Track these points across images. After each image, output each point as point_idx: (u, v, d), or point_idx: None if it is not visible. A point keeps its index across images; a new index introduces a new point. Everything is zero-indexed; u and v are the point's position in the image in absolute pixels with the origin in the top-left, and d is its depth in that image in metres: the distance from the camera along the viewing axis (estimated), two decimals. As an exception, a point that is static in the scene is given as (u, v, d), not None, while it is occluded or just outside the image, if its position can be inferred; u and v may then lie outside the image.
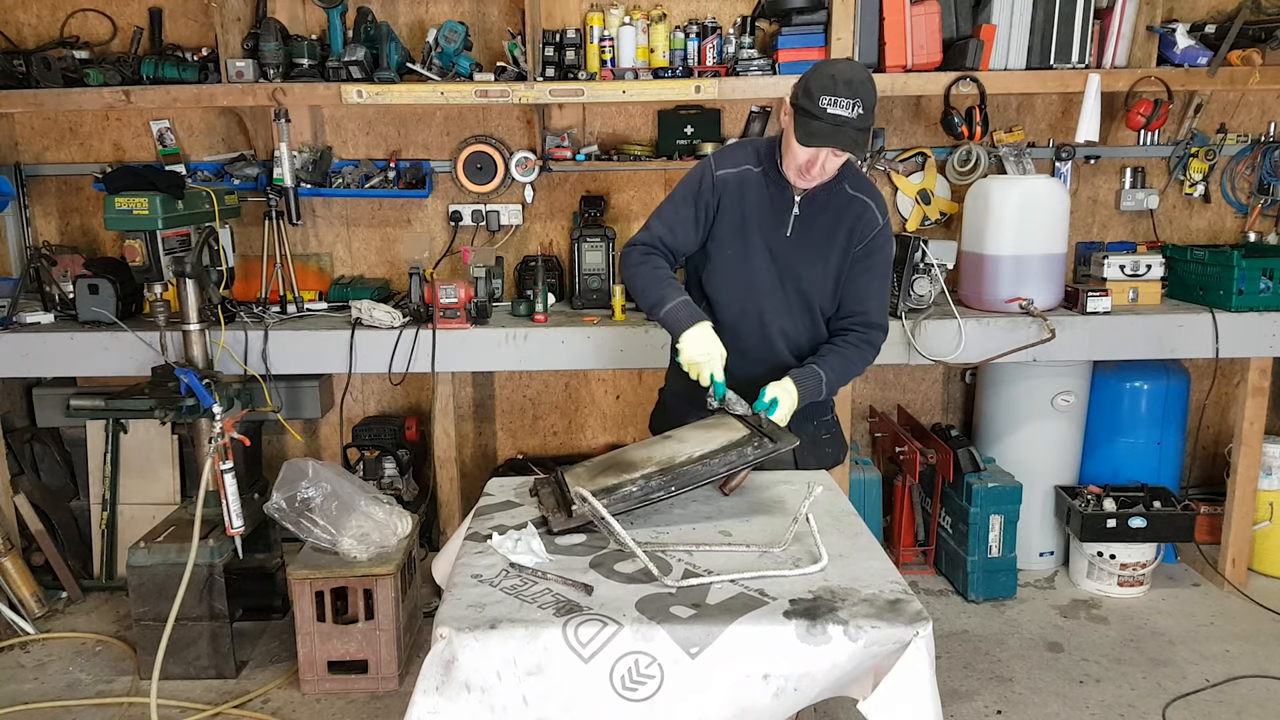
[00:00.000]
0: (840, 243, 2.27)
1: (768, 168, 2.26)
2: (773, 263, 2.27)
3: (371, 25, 3.41)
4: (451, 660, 1.50)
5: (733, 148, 2.34)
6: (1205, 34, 3.44)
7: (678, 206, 2.30)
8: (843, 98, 2.00)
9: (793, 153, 2.13)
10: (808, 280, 2.28)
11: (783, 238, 2.26)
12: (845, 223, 2.26)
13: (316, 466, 2.92)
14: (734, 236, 2.27)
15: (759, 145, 2.31)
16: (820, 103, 2.01)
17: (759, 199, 2.26)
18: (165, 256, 2.91)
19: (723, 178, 2.26)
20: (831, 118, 2.02)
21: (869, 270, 2.30)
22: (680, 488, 1.90)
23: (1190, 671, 2.99)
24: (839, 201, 2.26)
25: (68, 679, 3.06)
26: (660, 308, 2.19)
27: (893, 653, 1.51)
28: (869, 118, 2.05)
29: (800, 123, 2.07)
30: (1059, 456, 3.63)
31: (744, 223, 2.26)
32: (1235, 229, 3.92)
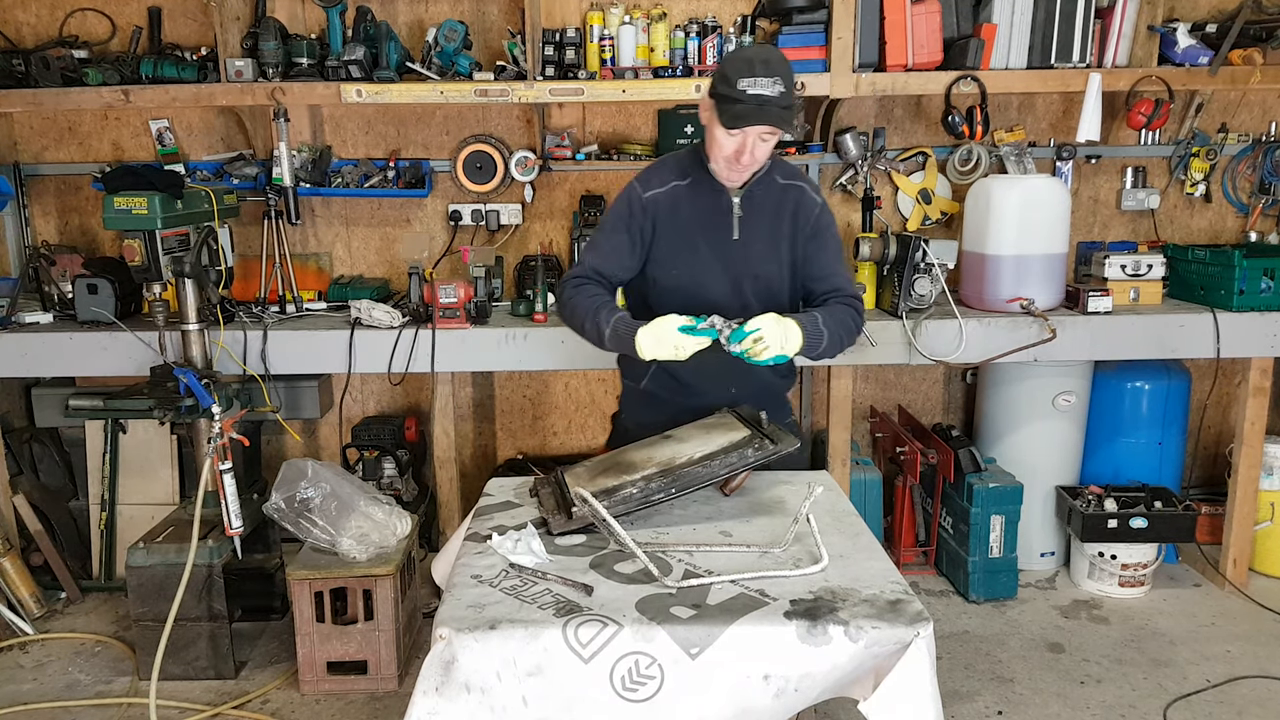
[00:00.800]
0: (787, 233, 2.23)
1: (697, 177, 2.20)
2: (725, 272, 2.21)
3: (371, 24, 3.41)
4: (451, 661, 1.49)
5: (655, 167, 2.28)
6: (1206, 33, 3.44)
7: (609, 235, 2.23)
8: (761, 77, 1.97)
9: (719, 144, 2.08)
10: (766, 278, 2.23)
11: (731, 242, 2.20)
12: (786, 212, 2.23)
13: (316, 467, 2.91)
14: (679, 255, 2.21)
15: (681, 158, 2.26)
16: (740, 85, 1.98)
17: (697, 211, 2.20)
18: (164, 256, 2.91)
19: (653, 199, 2.19)
20: (754, 98, 1.98)
21: (824, 248, 2.27)
22: (681, 489, 1.89)
23: (1191, 672, 2.99)
24: (775, 193, 2.23)
25: (67, 679, 3.06)
26: (603, 336, 2.11)
27: (893, 653, 1.50)
28: (790, 95, 2.01)
29: (723, 110, 2.03)
30: (1060, 457, 3.62)
31: (687, 239, 2.20)
32: (1236, 229, 3.92)
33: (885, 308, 3.45)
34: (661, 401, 2.31)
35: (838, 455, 3.45)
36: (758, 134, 2.04)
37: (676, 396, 2.29)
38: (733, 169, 2.12)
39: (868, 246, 3.38)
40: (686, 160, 2.24)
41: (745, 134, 2.04)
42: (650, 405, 2.34)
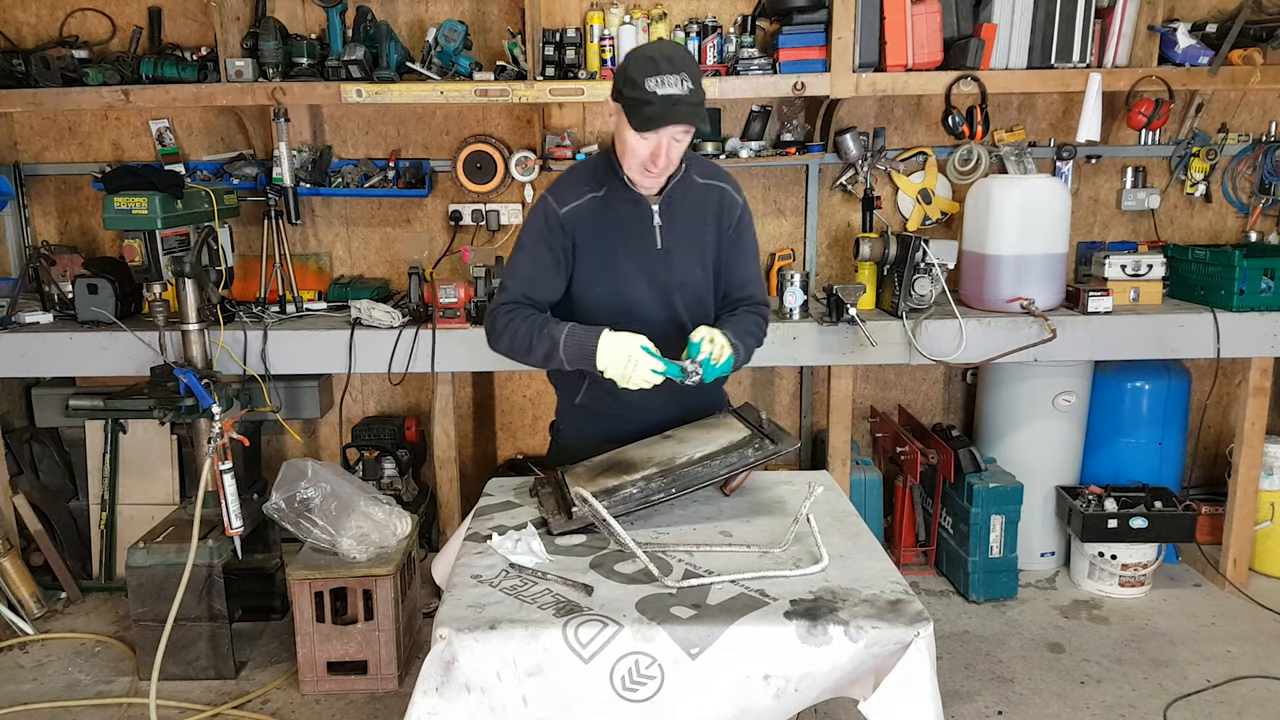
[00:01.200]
0: (711, 235, 2.15)
1: (611, 186, 2.09)
2: (652, 283, 2.11)
3: (371, 24, 3.41)
4: (451, 661, 1.49)
5: (566, 179, 2.14)
6: (1206, 33, 3.44)
7: (531, 256, 2.09)
8: (668, 74, 1.88)
9: (632, 149, 1.98)
10: (693, 284, 2.15)
11: (654, 252, 2.10)
12: (709, 213, 2.15)
13: (316, 467, 2.91)
14: (600, 270, 2.10)
15: (592, 166, 2.14)
16: (648, 86, 1.88)
17: (616, 223, 2.09)
18: (164, 256, 2.91)
19: (571, 213, 2.07)
20: (664, 98, 1.88)
21: (744, 251, 2.21)
22: (681, 489, 1.90)
23: (1191, 672, 2.98)
24: (695, 194, 2.13)
25: (67, 679, 3.06)
26: (556, 346, 1.99)
27: (894, 653, 1.50)
28: (700, 92, 1.94)
29: (632, 113, 1.93)
30: (1060, 456, 3.62)
31: (607, 252, 2.09)
32: (1236, 229, 3.92)
33: (885, 308, 3.45)
34: (599, 417, 2.21)
35: (838, 455, 3.45)
36: (671, 135, 1.95)
37: (614, 412, 2.19)
38: (648, 174, 2.02)
39: (868, 246, 3.37)
40: (599, 168, 2.12)
41: (659, 136, 1.95)
42: (587, 420, 2.24)
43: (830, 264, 3.95)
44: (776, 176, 3.86)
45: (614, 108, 2.01)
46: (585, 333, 1.99)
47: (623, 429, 2.17)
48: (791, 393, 4.10)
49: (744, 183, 3.80)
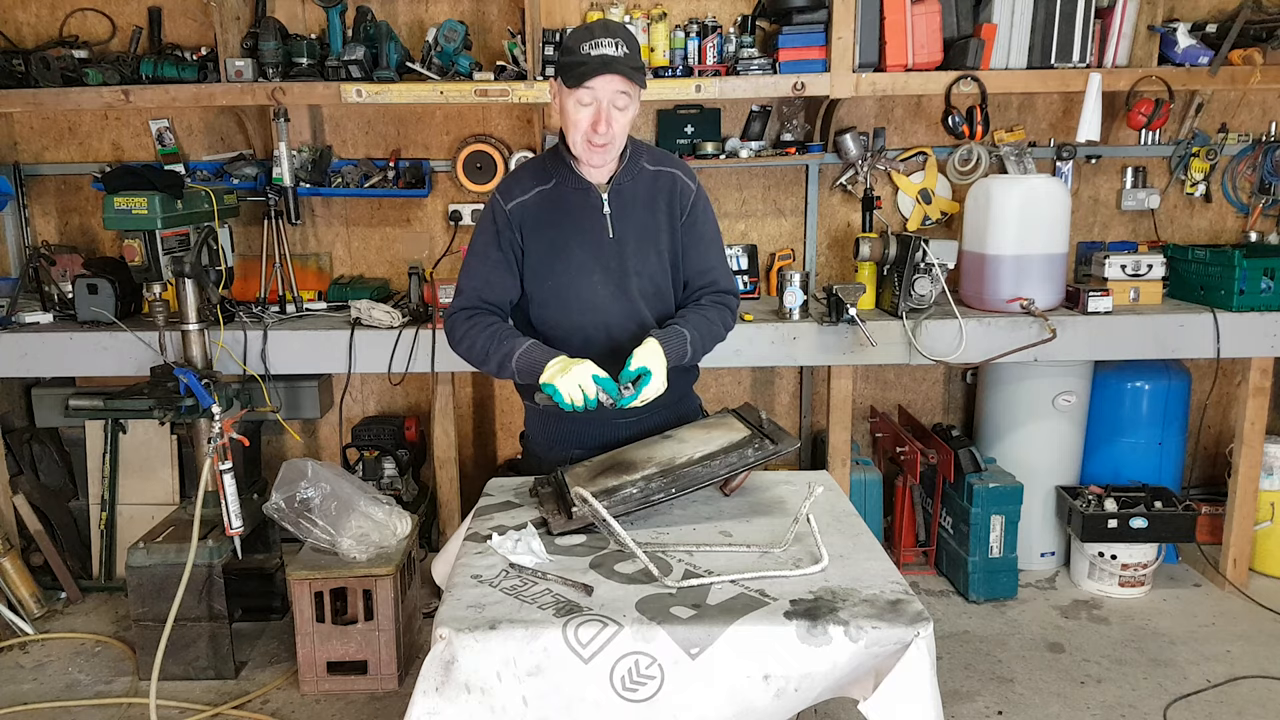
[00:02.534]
0: (664, 222, 2.14)
1: (560, 177, 2.09)
2: (605, 273, 2.09)
3: (371, 24, 3.41)
4: (451, 661, 1.49)
5: (514, 175, 2.16)
6: (1206, 33, 3.44)
7: (483, 257, 2.10)
8: (600, 38, 1.93)
9: (573, 122, 1.98)
10: (648, 272, 2.13)
11: (606, 241, 2.09)
12: (660, 199, 2.13)
13: (316, 467, 2.91)
14: (552, 262, 2.09)
15: (540, 161, 2.16)
16: (582, 50, 1.93)
17: (565, 213, 2.09)
18: (164, 256, 2.91)
19: (517, 208, 2.08)
20: (598, 58, 1.92)
21: (701, 238, 2.19)
22: (681, 489, 1.89)
23: (1191, 672, 2.98)
24: (645, 181, 2.13)
25: (67, 679, 3.06)
26: (510, 358, 2.00)
27: (894, 653, 1.50)
28: (636, 58, 1.96)
29: (568, 75, 1.96)
30: (1060, 456, 3.62)
31: (558, 244, 2.09)
32: (1236, 229, 3.92)
33: (885, 308, 3.45)
34: (564, 418, 2.12)
35: (838, 455, 3.45)
36: (610, 98, 1.96)
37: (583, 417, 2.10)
38: (592, 146, 2.01)
39: (868, 246, 3.37)
40: (547, 162, 2.13)
41: (597, 100, 1.96)
42: (552, 425, 2.21)
43: (830, 264, 3.95)
44: (776, 176, 3.86)
45: (554, 86, 2.04)
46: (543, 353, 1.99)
47: (590, 432, 2.17)
48: (791, 393, 4.10)
49: (744, 182, 3.85)
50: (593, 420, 2.14)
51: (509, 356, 2.01)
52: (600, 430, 2.18)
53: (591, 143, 2.01)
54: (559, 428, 2.22)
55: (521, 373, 2.01)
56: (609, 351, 2.08)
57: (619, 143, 2.05)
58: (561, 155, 2.10)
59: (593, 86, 1.95)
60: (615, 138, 2.02)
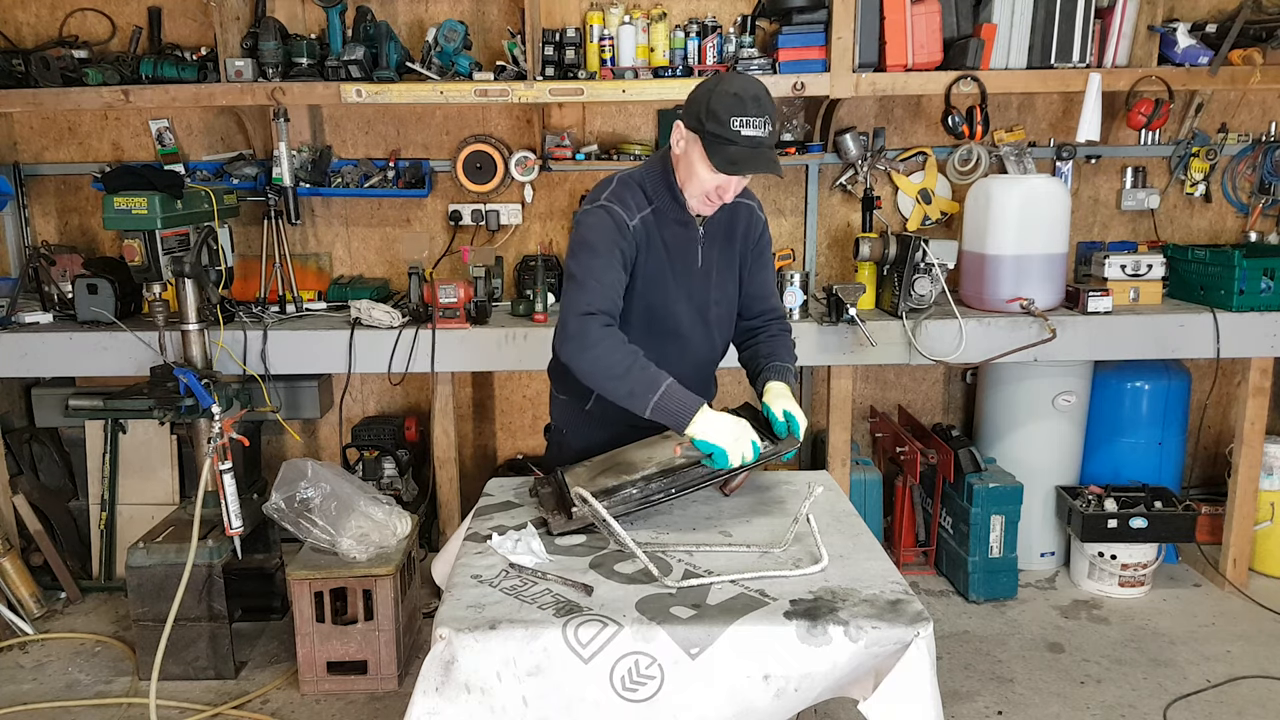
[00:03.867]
0: (739, 251, 2.21)
1: (660, 205, 2.07)
2: (690, 300, 2.14)
3: (371, 24, 3.41)
4: (451, 661, 1.49)
5: (624, 191, 2.08)
6: (1206, 33, 3.44)
7: (608, 262, 2.02)
8: (753, 116, 1.88)
9: (701, 180, 1.97)
10: (726, 300, 2.22)
11: (695, 271, 2.13)
12: (738, 231, 2.20)
13: (315, 467, 2.91)
14: (652, 287, 2.11)
15: (645, 181, 2.10)
16: (733, 125, 1.88)
17: (666, 240, 2.09)
18: (164, 256, 2.91)
19: (636, 227, 2.04)
20: (748, 139, 1.89)
21: (765, 265, 2.27)
22: (681, 489, 1.90)
23: (1191, 672, 2.98)
24: (728, 212, 2.14)
25: (67, 679, 3.06)
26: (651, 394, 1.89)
27: (893, 653, 1.50)
28: (777, 133, 1.98)
29: (714, 150, 1.92)
30: (1060, 456, 3.62)
31: (661, 272, 2.10)
32: (1236, 229, 3.92)
33: (885, 308, 3.45)
34: (610, 422, 2.16)
35: (838, 455, 3.45)
36: None
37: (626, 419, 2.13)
38: (708, 205, 2.04)
39: (868, 246, 3.37)
40: (649, 184, 2.09)
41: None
42: (596, 426, 2.21)
43: (830, 264, 3.95)
44: (776, 176, 3.86)
45: (686, 135, 1.98)
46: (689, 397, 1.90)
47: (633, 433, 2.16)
48: (791, 393, 4.10)
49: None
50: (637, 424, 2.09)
51: (650, 389, 1.90)
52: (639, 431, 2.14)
53: (709, 201, 2.03)
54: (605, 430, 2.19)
55: (661, 415, 1.90)
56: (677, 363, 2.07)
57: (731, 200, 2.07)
58: (668, 182, 2.07)
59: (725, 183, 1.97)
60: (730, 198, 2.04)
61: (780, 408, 2.02)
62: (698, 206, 2.06)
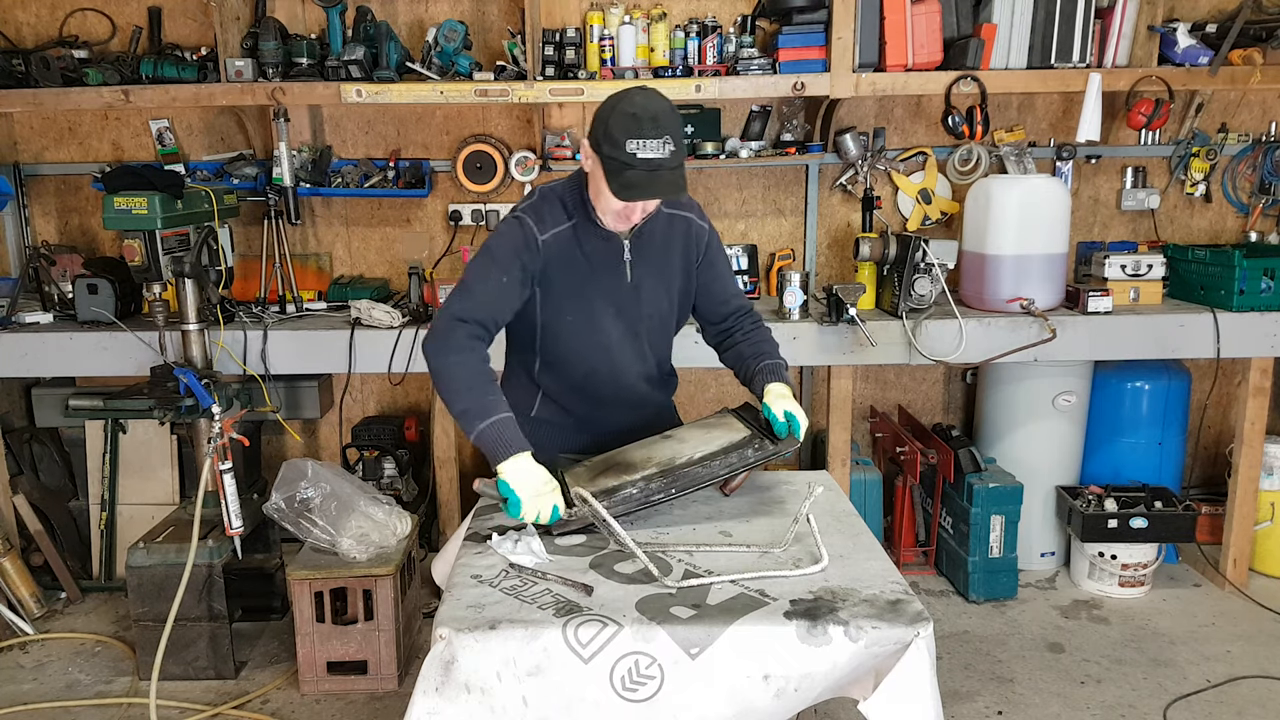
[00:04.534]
0: (679, 266, 2.16)
1: (580, 219, 2.03)
2: (619, 317, 2.11)
3: (371, 24, 3.41)
4: (451, 661, 1.49)
5: (543, 203, 2.06)
6: (1206, 33, 3.44)
7: (503, 270, 2.00)
8: (650, 138, 1.81)
9: (607, 201, 1.92)
10: (659, 315, 2.17)
11: (625, 287, 2.09)
12: (675, 246, 2.14)
13: (316, 467, 2.91)
14: (572, 301, 2.07)
15: (562, 195, 2.06)
16: (629, 148, 1.81)
17: (587, 256, 2.05)
18: (164, 256, 2.91)
19: (548, 242, 2.01)
20: (644, 163, 1.82)
21: (718, 275, 2.24)
22: (681, 490, 1.90)
23: (1191, 672, 2.98)
24: (661, 224, 2.10)
25: (67, 679, 3.06)
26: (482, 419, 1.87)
27: (893, 653, 1.50)
28: (681, 152, 1.88)
29: (611, 174, 1.87)
30: (1060, 456, 3.62)
31: (579, 286, 2.06)
32: (1236, 229, 3.92)
33: (885, 308, 3.45)
34: (555, 427, 2.21)
35: (838, 455, 3.45)
36: None
37: (570, 422, 2.21)
38: (621, 222, 2.00)
39: (868, 246, 3.37)
40: (569, 199, 2.06)
41: None
42: (544, 431, 2.16)
43: (830, 264, 3.95)
44: (776, 176, 3.86)
45: (590, 154, 1.94)
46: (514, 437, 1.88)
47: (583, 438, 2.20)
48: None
49: (744, 182, 3.86)
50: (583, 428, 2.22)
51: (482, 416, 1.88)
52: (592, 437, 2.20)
53: (621, 221, 2.00)
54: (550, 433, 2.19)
55: (484, 442, 1.88)
56: (610, 382, 2.16)
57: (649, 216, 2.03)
58: (584, 199, 2.03)
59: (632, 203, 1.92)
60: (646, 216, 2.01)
61: (781, 409, 2.01)
62: (611, 224, 2.01)
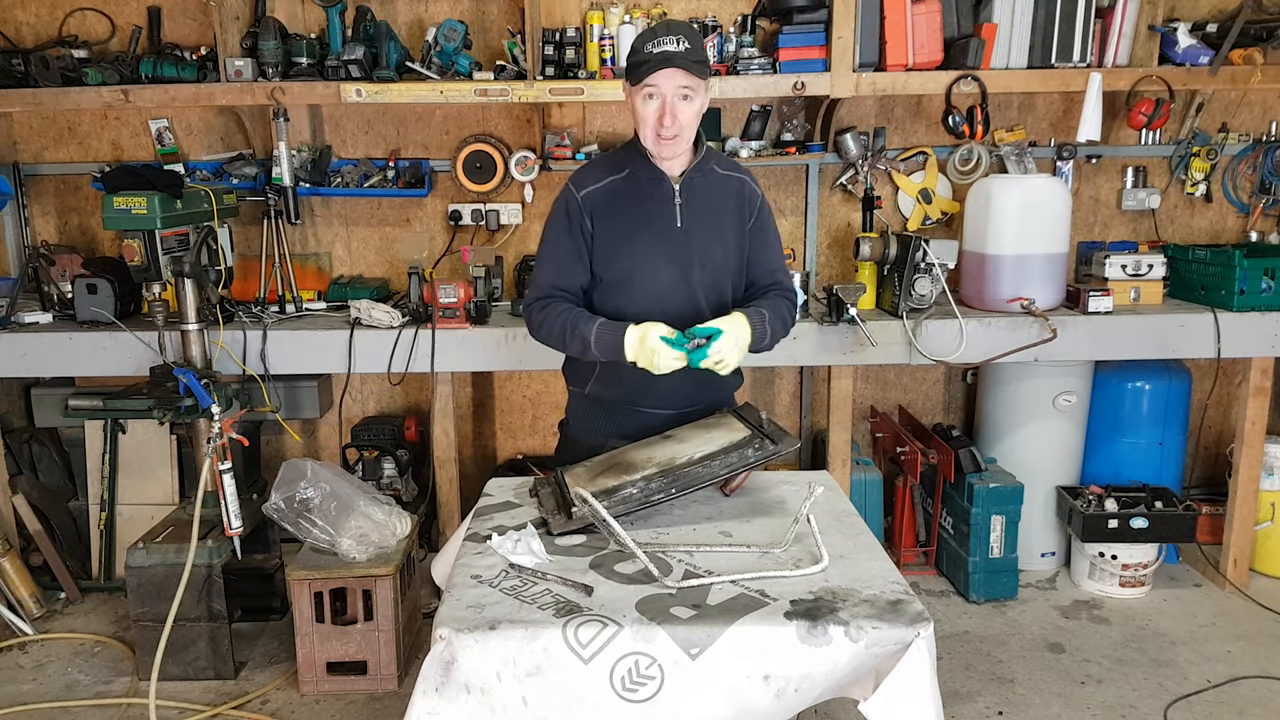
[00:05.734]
0: (732, 220, 2.23)
1: (634, 168, 2.18)
2: (671, 260, 2.17)
3: (371, 24, 3.41)
4: (451, 661, 1.49)
5: (590, 165, 2.28)
6: (1207, 33, 3.44)
7: (555, 245, 2.20)
8: (662, 36, 2.03)
9: (642, 117, 2.09)
10: (711, 264, 2.20)
11: (675, 229, 2.17)
12: (730, 200, 2.23)
13: (315, 467, 2.91)
14: (621, 247, 2.17)
15: (616, 153, 2.26)
16: (646, 48, 2.04)
17: (636, 202, 2.17)
18: (164, 256, 2.91)
19: (589, 196, 2.17)
20: (658, 56, 2.01)
21: (767, 242, 2.29)
22: (681, 490, 1.89)
23: (1192, 672, 2.98)
24: (715, 181, 2.22)
25: (66, 680, 3.06)
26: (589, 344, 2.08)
27: (894, 653, 1.50)
28: (698, 52, 2.04)
29: (632, 73, 2.07)
30: (1060, 457, 3.62)
31: (628, 231, 2.17)
32: (1237, 228, 3.92)
33: (885, 308, 3.45)
34: (608, 406, 2.27)
35: (838, 455, 3.45)
36: (674, 92, 2.05)
37: (623, 403, 2.24)
38: (661, 139, 2.10)
39: (868, 246, 3.37)
40: (622, 154, 2.23)
41: (662, 95, 2.05)
42: (595, 411, 2.29)
43: (830, 264, 3.95)
44: (776, 176, 3.86)
45: (625, 88, 2.13)
46: (613, 330, 2.06)
47: (633, 422, 2.22)
48: (791, 393, 4.10)
49: (744, 182, 3.85)
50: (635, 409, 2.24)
51: (587, 343, 2.09)
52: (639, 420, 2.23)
53: (660, 136, 2.09)
54: (602, 415, 2.28)
55: (605, 354, 2.09)
56: None
57: (688, 134, 2.13)
58: (638, 147, 2.17)
59: (655, 83, 2.04)
60: (683, 129, 2.10)
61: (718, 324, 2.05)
62: (655, 148, 2.12)
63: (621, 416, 2.25)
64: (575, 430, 2.37)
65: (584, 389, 2.29)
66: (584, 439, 2.30)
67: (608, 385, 2.23)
